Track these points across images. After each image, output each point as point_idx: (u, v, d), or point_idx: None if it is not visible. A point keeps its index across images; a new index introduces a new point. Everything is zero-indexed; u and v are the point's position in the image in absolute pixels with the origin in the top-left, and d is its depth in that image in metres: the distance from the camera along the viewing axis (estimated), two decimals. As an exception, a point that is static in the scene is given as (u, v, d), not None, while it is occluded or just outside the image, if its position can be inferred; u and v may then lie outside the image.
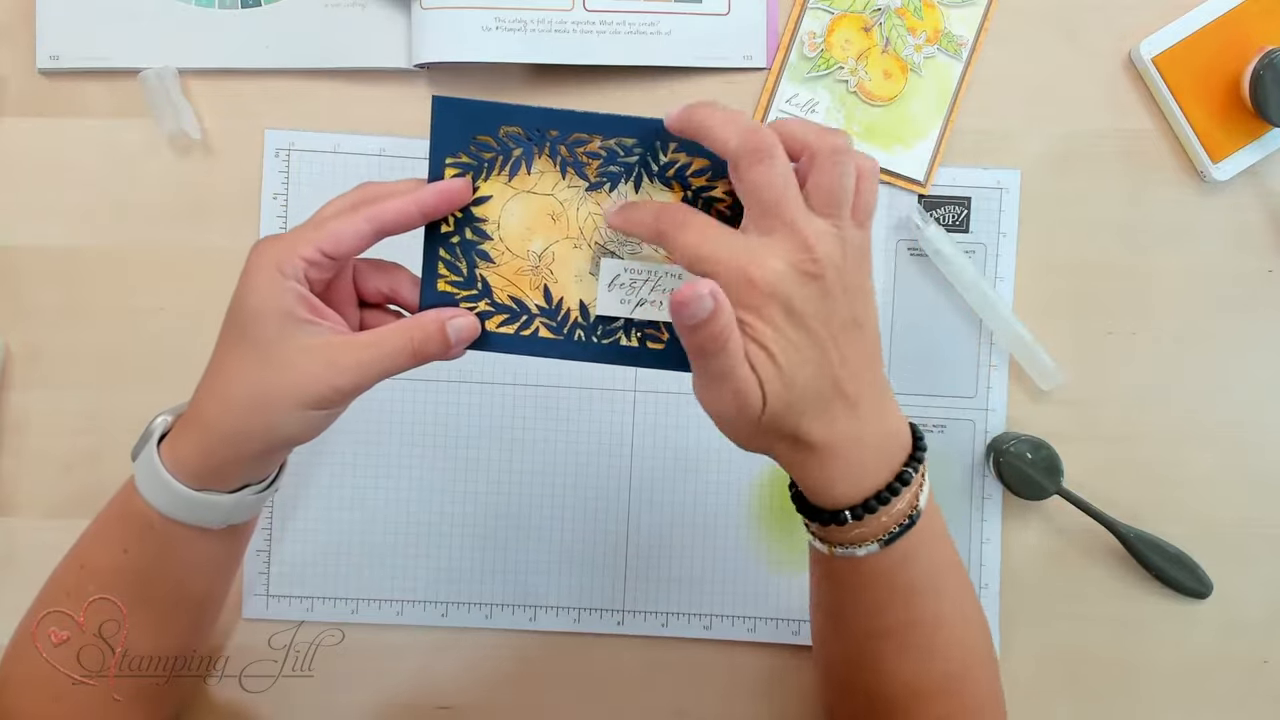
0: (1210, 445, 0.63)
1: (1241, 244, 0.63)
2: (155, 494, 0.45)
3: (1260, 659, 0.63)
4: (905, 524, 0.43)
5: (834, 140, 0.40)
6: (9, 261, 0.62)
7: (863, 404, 0.41)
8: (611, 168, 0.43)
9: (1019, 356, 0.62)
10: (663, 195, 0.43)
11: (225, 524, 0.47)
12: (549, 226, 0.44)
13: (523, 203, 0.44)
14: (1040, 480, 0.61)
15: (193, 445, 0.44)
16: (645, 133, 0.43)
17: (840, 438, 0.41)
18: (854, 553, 0.43)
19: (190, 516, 0.45)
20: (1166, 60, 0.62)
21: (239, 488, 0.46)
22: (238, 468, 0.45)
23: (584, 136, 0.43)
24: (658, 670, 0.63)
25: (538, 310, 0.45)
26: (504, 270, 0.45)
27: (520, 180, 0.44)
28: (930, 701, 0.47)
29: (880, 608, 0.46)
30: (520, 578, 0.63)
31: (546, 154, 0.43)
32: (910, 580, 0.45)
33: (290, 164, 0.62)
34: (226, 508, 0.46)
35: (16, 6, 0.62)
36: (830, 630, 0.50)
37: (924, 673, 0.47)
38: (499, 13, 0.61)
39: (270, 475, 0.48)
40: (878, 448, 0.42)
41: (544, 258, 0.44)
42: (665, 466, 0.63)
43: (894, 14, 0.62)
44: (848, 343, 0.40)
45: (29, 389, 0.62)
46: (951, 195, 0.63)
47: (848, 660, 0.49)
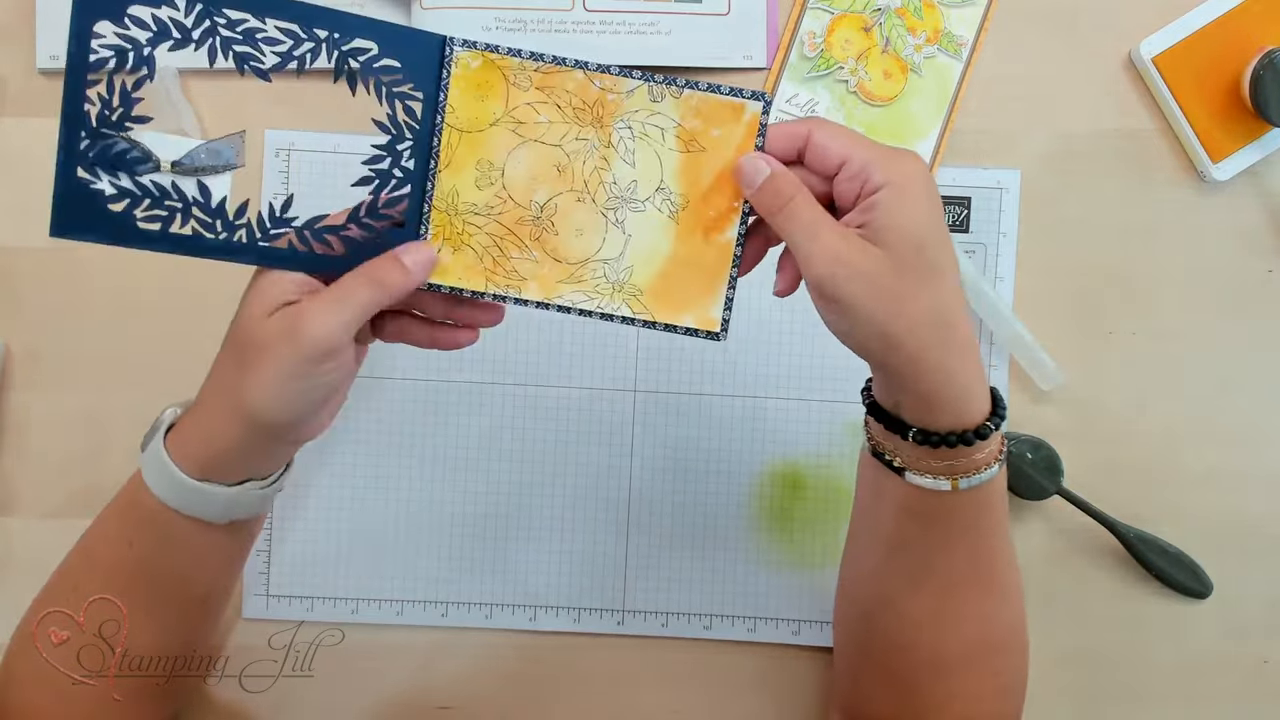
0: (1210, 445, 0.63)
1: (1241, 244, 0.63)
2: (160, 484, 0.45)
3: (1260, 659, 0.63)
4: (1001, 459, 0.44)
5: None
6: (9, 261, 0.62)
7: None
8: (295, 52, 0.41)
9: (1019, 356, 0.62)
10: None
11: (227, 519, 0.47)
12: (554, 178, 0.44)
13: (531, 151, 0.44)
14: (1040, 480, 0.61)
15: (194, 436, 0.45)
16: (346, 26, 0.41)
17: (968, 333, 0.42)
18: (980, 479, 0.44)
19: (192, 508, 0.46)
20: (1166, 60, 0.62)
21: (241, 481, 0.46)
22: (237, 456, 0.45)
23: (258, 24, 0.41)
24: (658, 670, 0.63)
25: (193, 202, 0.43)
26: (504, 219, 0.44)
27: (526, 129, 0.43)
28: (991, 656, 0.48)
29: (973, 553, 0.46)
30: (520, 578, 0.63)
31: (209, 47, 0.41)
32: (995, 526, 0.46)
33: (290, 164, 0.62)
34: (227, 500, 0.46)
35: (16, 6, 0.62)
36: (903, 589, 0.48)
37: (982, 633, 0.48)
38: (499, 13, 0.61)
39: (275, 471, 0.48)
40: (979, 375, 0.43)
41: (546, 209, 0.44)
42: (665, 466, 0.63)
43: (894, 14, 0.62)
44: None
45: (29, 389, 0.62)
46: (951, 195, 0.63)
47: (909, 620, 0.48)
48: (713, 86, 0.43)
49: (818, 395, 0.63)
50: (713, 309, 0.45)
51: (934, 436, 0.43)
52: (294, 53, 0.41)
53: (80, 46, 0.40)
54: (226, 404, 0.44)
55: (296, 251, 0.43)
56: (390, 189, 0.44)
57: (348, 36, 0.41)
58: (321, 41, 0.41)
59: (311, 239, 0.43)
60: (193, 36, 0.40)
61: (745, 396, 0.63)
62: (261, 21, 0.41)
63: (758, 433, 0.63)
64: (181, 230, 0.42)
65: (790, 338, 0.63)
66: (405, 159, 0.43)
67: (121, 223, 0.42)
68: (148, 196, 0.42)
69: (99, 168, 0.41)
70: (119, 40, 0.40)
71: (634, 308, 0.45)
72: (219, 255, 0.43)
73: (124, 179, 0.41)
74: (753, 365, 0.63)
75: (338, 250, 0.44)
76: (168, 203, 0.42)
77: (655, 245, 0.45)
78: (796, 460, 0.63)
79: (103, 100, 0.40)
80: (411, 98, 0.43)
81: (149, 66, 0.40)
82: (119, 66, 0.40)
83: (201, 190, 0.43)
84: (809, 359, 0.63)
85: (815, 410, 0.63)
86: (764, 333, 0.63)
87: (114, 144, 0.41)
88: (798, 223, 0.41)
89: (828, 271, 0.40)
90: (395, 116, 0.43)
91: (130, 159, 0.41)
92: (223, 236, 0.43)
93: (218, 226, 0.43)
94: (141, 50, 0.40)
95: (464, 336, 0.47)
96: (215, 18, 0.40)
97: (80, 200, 0.41)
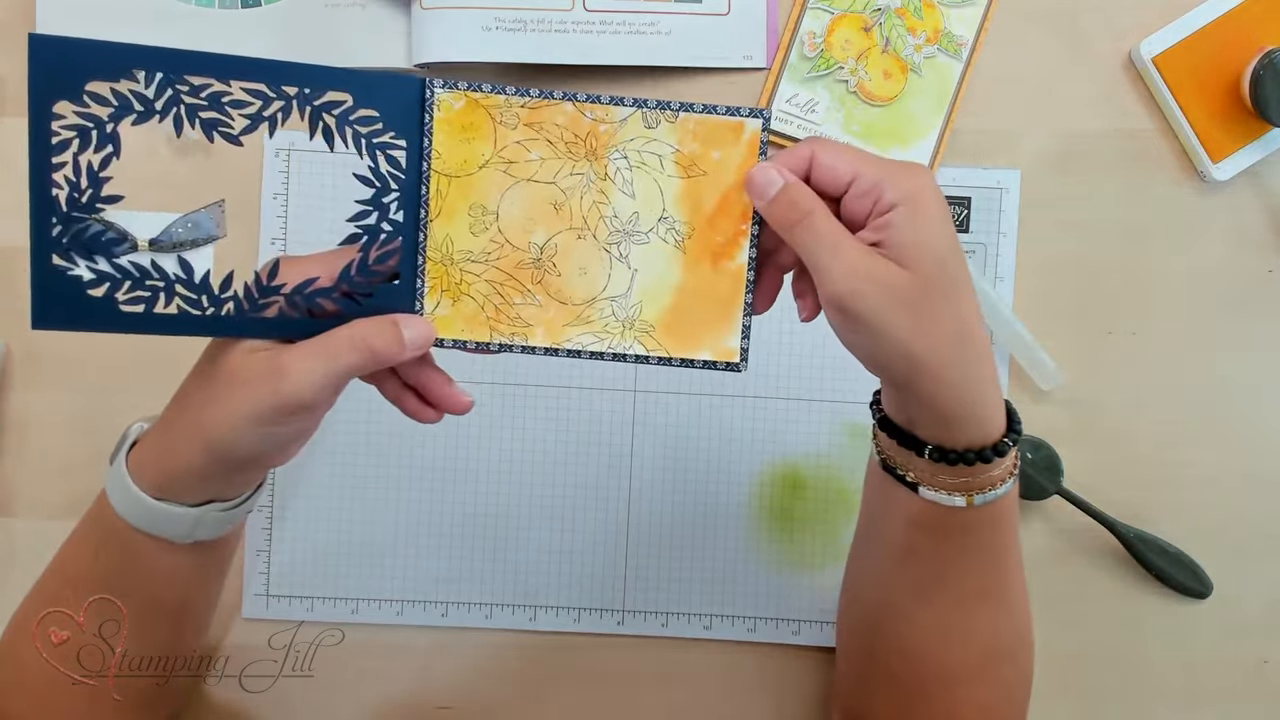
0: (1210, 445, 0.63)
1: (1241, 244, 0.63)
2: (120, 501, 0.44)
3: (1260, 659, 0.63)
4: (1015, 473, 0.44)
5: None
6: (9, 261, 0.62)
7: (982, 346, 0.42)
8: (265, 113, 0.40)
9: (1019, 356, 0.62)
10: None
11: (191, 539, 0.45)
12: (551, 217, 0.43)
13: (525, 191, 0.43)
14: (1040, 480, 0.61)
15: (153, 454, 0.44)
16: (316, 79, 0.39)
17: (986, 346, 0.42)
18: (996, 495, 0.43)
19: (152, 526, 0.44)
20: (1166, 60, 0.62)
21: (204, 502, 0.45)
22: (194, 481, 0.43)
23: (223, 87, 0.39)
24: (658, 670, 0.63)
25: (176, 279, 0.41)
26: (503, 264, 0.43)
27: (518, 168, 0.42)
28: (1000, 666, 0.48)
29: (985, 567, 0.46)
30: (520, 578, 0.63)
31: (174, 116, 0.39)
32: (1007, 540, 0.46)
33: (290, 164, 0.62)
34: (188, 522, 0.44)
35: (16, 6, 0.62)
36: (912, 599, 0.48)
37: (991, 644, 0.47)
38: (499, 13, 0.61)
39: (240, 494, 0.46)
40: (996, 390, 0.43)
41: (546, 250, 0.43)
42: (665, 466, 0.63)
43: (894, 14, 0.62)
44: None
45: (29, 389, 0.62)
46: (951, 195, 0.63)
47: (917, 629, 0.48)
48: (709, 107, 0.42)
49: (818, 395, 0.63)
50: (729, 339, 0.43)
51: (951, 454, 0.42)
52: (263, 114, 0.39)
53: (39, 130, 0.38)
54: (189, 427, 0.42)
55: (289, 319, 0.41)
56: (380, 245, 0.42)
57: (319, 90, 0.40)
58: (292, 99, 0.39)
59: (303, 304, 0.41)
60: (156, 108, 0.39)
61: (745, 396, 0.63)
62: (226, 84, 0.39)
63: (758, 433, 0.63)
64: (167, 310, 0.40)
65: (790, 337, 0.63)
66: (393, 211, 0.42)
67: (104, 309, 0.40)
68: (128, 278, 0.40)
69: (74, 253, 0.39)
70: (80, 119, 0.38)
71: (646, 345, 0.43)
72: (207, 331, 0.42)
73: (101, 262, 0.39)
74: (753, 365, 0.63)
75: (331, 311, 0.42)
76: (149, 282, 0.40)
77: (663, 277, 0.43)
78: (796, 460, 0.63)
79: (70, 183, 0.38)
80: (394, 146, 0.41)
81: (114, 144, 0.39)
82: (83, 146, 0.38)
83: (183, 266, 0.41)
84: (809, 359, 0.63)
85: (815, 410, 0.63)
86: (764, 332, 0.63)
87: (87, 227, 0.39)
88: (817, 236, 0.40)
89: (850, 288, 0.39)
90: (378, 168, 0.41)
91: (105, 241, 0.39)
92: (210, 312, 0.41)
93: (204, 302, 0.41)
94: (104, 127, 0.38)
95: (426, 415, 0.45)
96: (178, 86, 0.39)
97: (59, 289, 0.39)
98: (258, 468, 0.46)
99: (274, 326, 0.42)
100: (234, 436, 0.41)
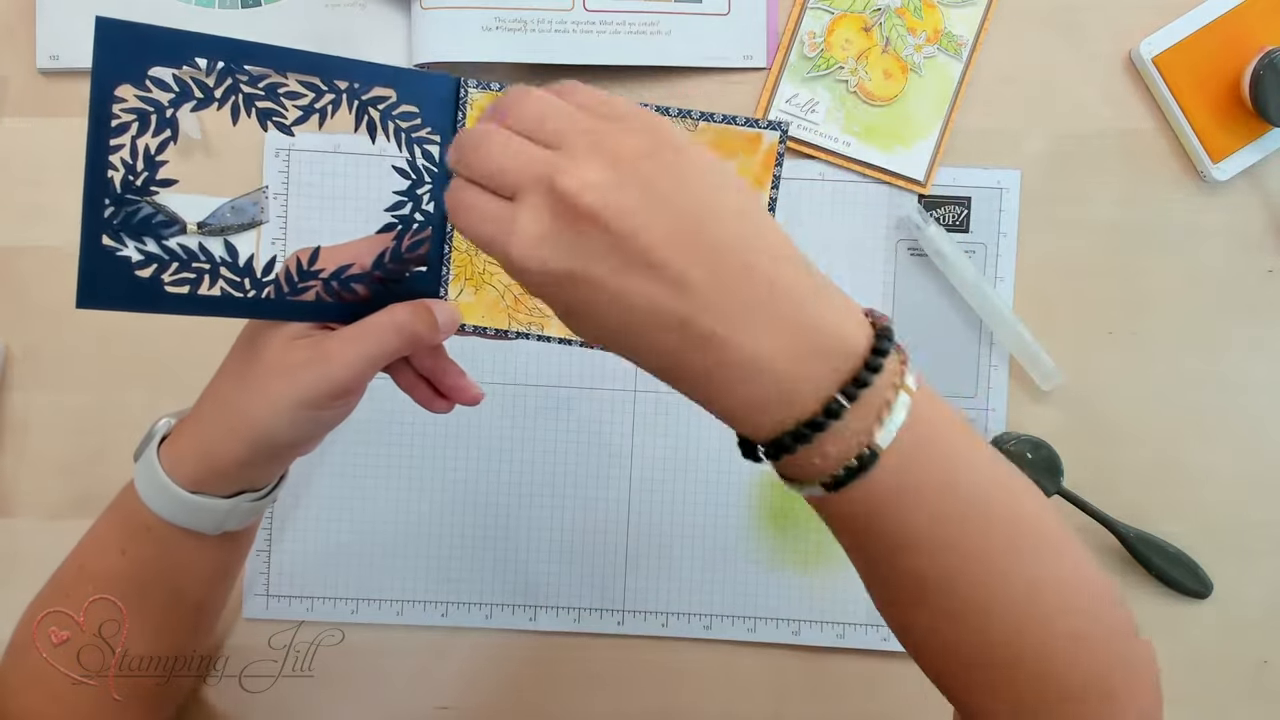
0: (1210, 445, 0.63)
1: (1241, 244, 0.63)
2: (153, 496, 0.45)
3: (1260, 659, 0.63)
4: (854, 466, 0.33)
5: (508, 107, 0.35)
6: (9, 261, 0.62)
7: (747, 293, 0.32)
8: (316, 105, 0.41)
9: (1019, 356, 0.62)
10: None
11: (220, 530, 0.47)
12: None
13: None
14: (1040, 480, 0.61)
15: (190, 447, 0.45)
16: (365, 75, 0.41)
17: (741, 335, 0.33)
18: (812, 491, 0.35)
19: (185, 519, 0.46)
20: (1166, 60, 0.62)
21: (236, 493, 0.46)
22: (234, 471, 0.45)
23: (280, 79, 0.40)
24: (658, 670, 0.63)
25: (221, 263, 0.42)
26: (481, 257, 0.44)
27: None
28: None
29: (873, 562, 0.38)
30: (520, 578, 0.63)
31: (232, 105, 0.40)
32: (901, 534, 0.36)
33: (290, 164, 0.62)
34: (221, 513, 0.46)
35: (16, 6, 0.62)
36: (880, 601, 0.40)
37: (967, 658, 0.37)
38: (499, 12, 0.61)
39: (269, 484, 0.48)
40: (793, 359, 0.33)
41: None
42: (665, 466, 0.63)
43: (894, 14, 0.62)
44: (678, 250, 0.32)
45: (29, 389, 0.62)
46: (951, 195, 0.63)
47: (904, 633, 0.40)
48: (728, 118, 0.43)
49: (818, 395, 0.63)
50: None
51: (769, 448, 0.34)
52: (315, 105, 0.41)
53: (101, 112, 0.38)
54: (231, 418, 0.44)
55: (324, 303, 0.43)
56: (413, 233, 0.43)
57: (367, 86, 0.41)
58: (342, 93, 0.41)
59: (339, 289, 0.43)
60: (215, 95, 0.40)
61: (745, 396, 0.63)
62: (283, 76, 0.40)
63: (758, 433, 0.63)
64: (210, 292, 0.41)
65: (790, 338, 0.63)
66: (425, 202, 0.43)
67: (149, 289, 0.40)
68: (175, 260, 0.41)
69: (124, 234, 0.40)
70: (140, 103, 0.39)
71: None
72: (248, 313, 0.43)
73: (150, 244, 0.40)
74: (753, 365, 0.63)
75: (364, 296, 0.44)
76: (195, 265, 0.41)
77: None
78: (796, 460, 0.63)
79: (126, 165, 0.39)
80: (429, 141, 0.43)
81: (172, 128, 0.39)
82: (142, 130, 0.39)
83: (229, 250, 0.42)
84: (809, 359, 0.63)
85: (815, 410, 0.63)
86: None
87: (139, 209, 0.40)
88: None
89: None
90: (414, 161, 0.43)
91: (156, 223, 0.40)
92: (251, 295, 0.42)
93: (246, 285, 0.42)
94: (164, 112, 0.39)
95: (438, 405, 0.47)
96: (237, 75, 0.40)
97: (106, 269, 0.40)
98: (292, 455, 0.47)
99: (309, 310, 0.43)
100: (280, 422, 0.43)
